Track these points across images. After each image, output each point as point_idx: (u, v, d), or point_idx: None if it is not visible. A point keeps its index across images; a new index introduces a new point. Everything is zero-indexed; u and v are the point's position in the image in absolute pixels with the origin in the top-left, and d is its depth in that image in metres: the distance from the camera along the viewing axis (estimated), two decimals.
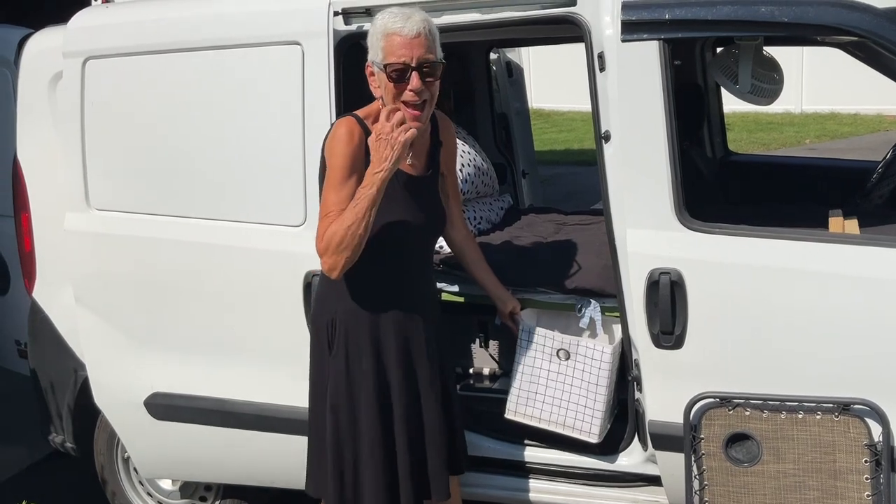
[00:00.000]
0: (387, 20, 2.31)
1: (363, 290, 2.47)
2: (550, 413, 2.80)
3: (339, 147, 2.35)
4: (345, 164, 2.33)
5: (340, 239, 2.29)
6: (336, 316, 2.47)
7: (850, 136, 12.13)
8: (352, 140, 2.35)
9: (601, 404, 2.75)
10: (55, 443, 3.57)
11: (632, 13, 2.45)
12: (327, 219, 2.33)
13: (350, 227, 2.28)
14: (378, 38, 2.32)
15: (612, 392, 2.81)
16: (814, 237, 2.49)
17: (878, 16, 2.33)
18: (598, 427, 2.76)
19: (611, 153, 2.55)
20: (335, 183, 2.34)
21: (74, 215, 3.11)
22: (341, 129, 2.37)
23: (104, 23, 3.06)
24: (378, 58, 2.33)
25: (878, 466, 2.38)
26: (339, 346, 2.47)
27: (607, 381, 2.74)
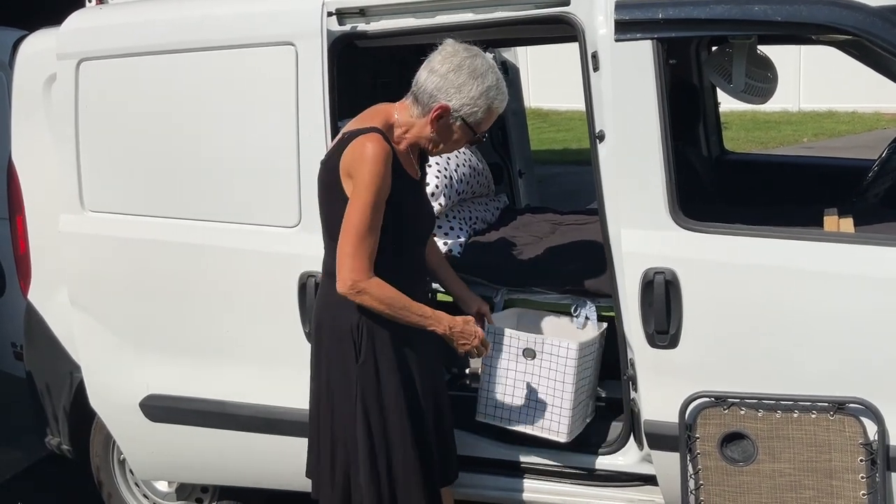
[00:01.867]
0: (498, 95, 2.40)
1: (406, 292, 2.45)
2: (519, 414, 2.75)
3: (376, 167, 2.31)
4: (380, 185, 2.33)
5: (387, 308, 2.38)
6: (361, 321, 2.44)
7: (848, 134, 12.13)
8: (385, 160, 2.33)
9: (568, 402, 2.70)
10: (51, 445, 3.57)
11: (625, 13, 2.45)
12: (365, 243, 2.33)
13: (395, 313, 2.39)
14: (484, 108, 2.38)
15: (583, 390, 2.76)
16: (809, 236, 2.49)
17: (871, 14, 2.32)
18: (566, 426, 2.71)
19: (605, 153, 2.55)
20: (373, 204, 2.32)
21: (69, 217, 3.11)
22: (377, 149, 2.32)
23: (98, 24, 3.05)
24: (472, 120, 2.40)
25: (873, 465, 2.38)
26: (367, 351, 2.44)
27: (573, 380, 2.68)
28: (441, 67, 2.37)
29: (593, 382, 2.91)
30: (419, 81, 2.40)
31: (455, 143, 2.48)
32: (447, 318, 2.48)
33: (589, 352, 2.78)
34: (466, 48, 2.40)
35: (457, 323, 2.49)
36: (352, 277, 2.34)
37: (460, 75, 2.36)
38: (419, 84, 2.40)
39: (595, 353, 2.85)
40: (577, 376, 2.70)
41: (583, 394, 2.79)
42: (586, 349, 2.75)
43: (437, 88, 2.36)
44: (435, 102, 2.37)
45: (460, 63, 2.36)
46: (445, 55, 2.38)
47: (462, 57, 2.37)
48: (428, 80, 2.38)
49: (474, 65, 2.37)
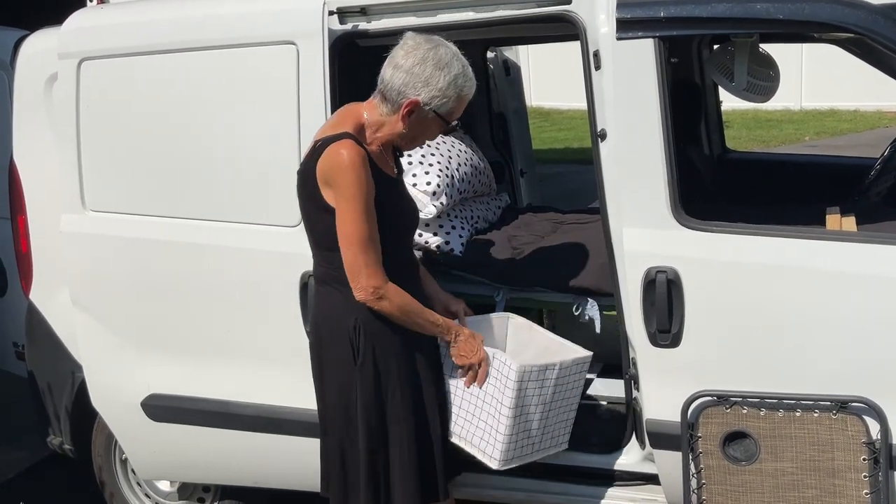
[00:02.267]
0: (465, 81, 2.36)
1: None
2: (462, 428, 2.54)
3: (355, 175, 2.30)
4: (365, 191, 2.31)
5: (405, 314, 2.40)
6: (357, 324, 2.42)
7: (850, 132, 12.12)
8: (363, 164, 2.32)
9: (504, 427, 2.44)
10: (53, 445, 3.57)
11: (627, 11, 2.44)
12: (371, 252, 2.33)
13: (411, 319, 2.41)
14: (453, 94, 2.35)
15: (534, 418, 2.50)
16: (811, 235, 2.48)
17: (873, 12, 2.32)
18: (499, 452, 2.46)
19: (607, 152, 2.54)
20: (363, 211, 2.31)
21: (70, 217, 3.11)
22: (354, 156, 2.30)
23: (99, 24, 3.05)
24: (444, 110, 2.37)
25: (875, 464, 2.37)
26: (367, 353, 2.42)
27: (511, 402, 2.42)
28: (405, 62, 2.32)
29: (560, 413, 2.61)
30: (385, 79, 2.35)
31: (428, 135, 2.48)
32: (455, 326, 2.49)
33: (541, 377, 2.49)
34: (428, 39, 2.35)
35: (464, 333, 2.48)
36: (372, 284, 2.34)
37: (426, 68, 2.31)
38: (385, 82, 2.35)
39: (560, 381, 2.56)
40: (519, 400, 2.45)
41: (533, 422, 2.52)
42: (536, 374, 2.47)
43: (404, 84, 2.32)
44: (404, 98, 2.33)
45: (424, 56, 2.32)
46: (408, 49, 2.34)
47: (425, 49, 2.33)
48: (394, 76, 2.33)
49: (438, 55, 2.32)
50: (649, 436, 2.62)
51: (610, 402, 3.06)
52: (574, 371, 2.61)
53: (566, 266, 3.01)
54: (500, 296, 3.05)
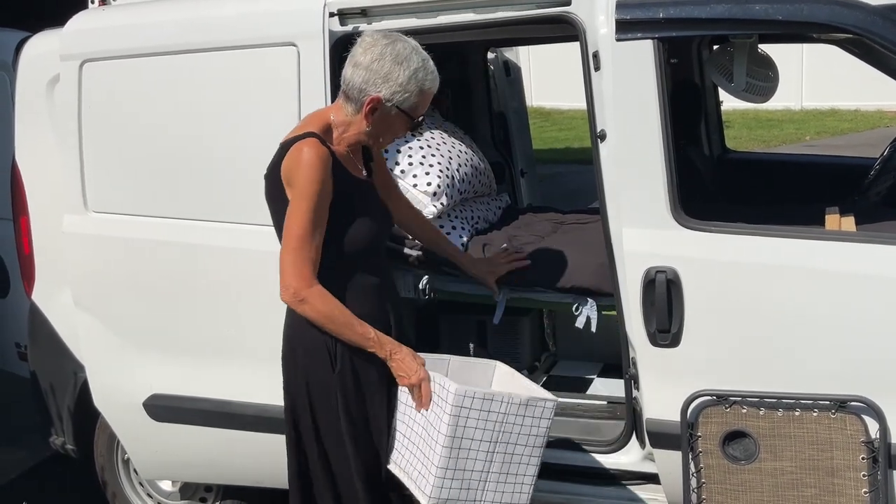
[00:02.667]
0: (426, 75, 2.31)
1: (353, 300, 2.40)
2: (401, 456, 2.38)
3: (312, 173, 2.26)
4: (317, 192, 2.27)
5: (328, 321, 2.32)
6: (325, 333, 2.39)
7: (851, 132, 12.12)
8: (323, 165, 2.28)
9: (438, 458, 2.23)
10: (56, 445, 3.58)
11: (626, 12, 2.45)
12: (304, 251, 2.27)
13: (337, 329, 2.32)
14: (415, 89, 2.30)
15: (467, 454, 2.25)
16: (810, 235, 2.49)
17: (871, 13, 2.33)
18: (430, 486, 2.25)
19: (607, 152, 2.55)
20: (310, 210, 2.27)
21: (72, 217, 3.12)
22: (313, 154, 2.27)
23: (101, 26, 3.06)
24: (407, 105, 2.32)
25: (874, 463, 2.38)
26: (344, 361, 2.39)
27: (447, 430, 2.21)
28: (364, 59, 2.28)
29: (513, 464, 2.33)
30: (346, 78, 2.32)
31: (394, 132, 2.41)
32: (391, 344, 2.34)
33: (485, 408, 2.24)
34: (385, 35, 2.31)
35: (401, 352, 2.34)
36: (293, 285, 2.28)
37: (384, 63, 2.27)
38: (346, 81, 2.32)
39: (511, 420, 2.29)
40: (456, 429, 2.22)
41: (475, 462, 2.27)
42: (479, 402, 2.23)
43: (364, 82, 2.29)
44: (365, 96, 2.29)
45: (381, 52, 2.28)
46: (366, 46, 2.30)
47: (382, 45, 2.28)
48: (354, 74, 2.30)
49: (395, 50, 2.28)
50: (649, 435, 2.62)
51: (610, 401, 3.07)
52: (530, 414, 2.31)
53: (566, 266, 3.02)
54: (500, 296, 3.05)
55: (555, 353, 3.52)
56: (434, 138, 3.32)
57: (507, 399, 2.27)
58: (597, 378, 3.31)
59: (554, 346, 3.52)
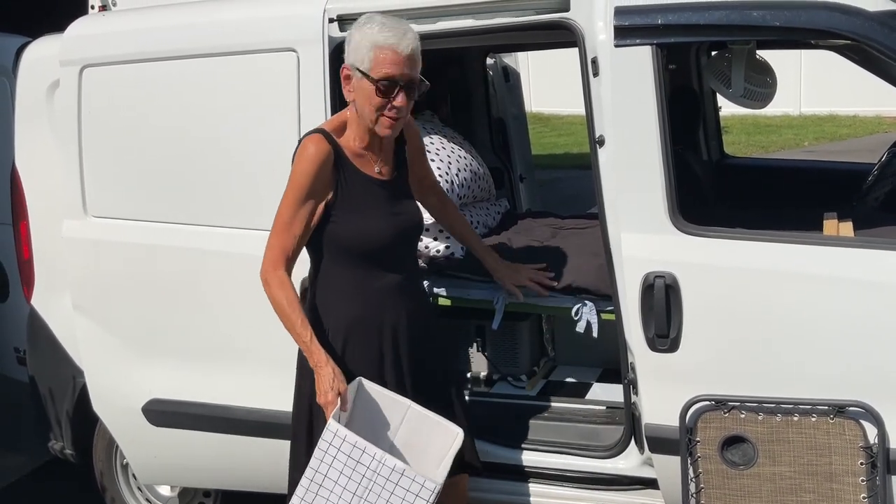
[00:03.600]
0: (380, 32, 2.28)
1: (347, 299, 2.44)
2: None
3: (305, 166, 2.34)
4: (306, 185, 2.34)
5: (277, 310, 2.39)
6: (329, 331, 2.44)
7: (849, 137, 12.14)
8: (318, 159, 2.34)
9: (298, 486, 2.24)
10: (54, 449, 3.58)
11: (624, 18, 2.46)
12: (280, 236, 2.37)
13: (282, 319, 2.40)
14: (368, 47, 2.29)
15: (327, 496, 2.23)
16: (808, 240, 2.50)
17: (869, 19, 2.34)
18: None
19: (605, 158, 2.56)
20: (293, 200, 2.36)
21: (72, 222, 3.12)
22: (310, 148, 2.35)
23: (101, 31, 3.07)
24: (364, 66, 2.30)
25: (873, 468, 2.38)
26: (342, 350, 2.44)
27: (313, 462, 2.21)
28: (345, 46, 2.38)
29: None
30: None
31: (370, 102, 2.32)
32: (320, 356, 2.33)
33: (355, 456, 2.20)
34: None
35: (324, 369, 2.32)
36: (263, 267, 2.39)
37: (349, 36, 2.35)
38: None
39: (379, 483, 2.21)
40: (321, 462, 2.22)
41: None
42: (349, 448, 2.20)
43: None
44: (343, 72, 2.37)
45: (350, 30, 2.37)
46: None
47: (353, 25, 2.36)
48: None
49: (358, 22, 2.34)
50: (648, 440, 2.63)
51: (609, 406, 3.07)
52: (404, 485, 2.21)
53: (565, 270, 3.02)
54: (500, 300, 3.06)
55: (554, 358, 3.52)
56: (433, 143, 3.33)
57: (380, 458, 2.20)
58: (595, 383, 3.31)
59: (553, 351, 3.52)
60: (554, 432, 2.93)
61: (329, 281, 2.45)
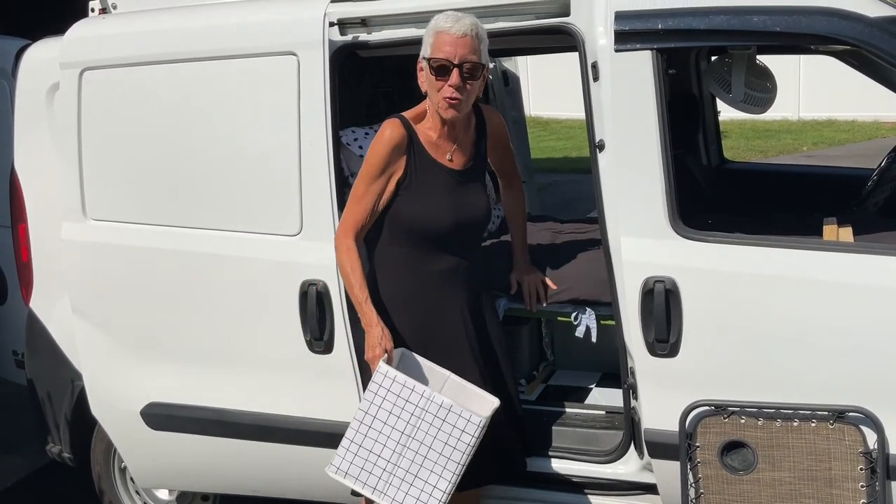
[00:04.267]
0: (439, 19, 2.47)
1: (400, 277, 2.58)
2: (384, 482, 2.35)
3: (379, 147, 2.52)
4: (379, 164, 2.52)
5: (342, 273, 2.59)
6: (380, 303, 2.55)
7: (848, 142, 12.16)
8: (392, 142, 2.51)
9: (347, 430, 2.36)
10: (52, 453, 3.57)
11: (625, 23, 2.46)
12: (353, 207, 2.56)
13: (344, 282, 2.59)
14: (429, 34, 2.48)
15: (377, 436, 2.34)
16: (808, 245, 2.49)
17: (869, 25, 2.34)
18: (337, 455, 2.34)
19: (605, 162, 2.56)
20: (365, 176, 2.54)
21: (71, 225, 3.12)
22: (387, 130, 2.52)
23: (101, 34, 3.07)
24: (426, 52, 2.48)
25: (873, 474, 2.38)
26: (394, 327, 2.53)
27: (362, 405, 2.35)
28: None
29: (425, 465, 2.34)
30: None
31: (435, 88, 2.47)
32: (371, 316, 2.49)
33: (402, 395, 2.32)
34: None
35: (372, 328, 2.48)
36: (336, 234, 2.59)
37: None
38: None
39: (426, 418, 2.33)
40: (371, 405, 2.33)
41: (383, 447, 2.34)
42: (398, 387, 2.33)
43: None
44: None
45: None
46: None
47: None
48: None
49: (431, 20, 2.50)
50: (648, 445, 2.62)
51: (608, 411, 3.07)
52: (451, 421, 2.33)
53: (564, 275, 3.02)
54: (500, 306, 3.06)
55: (553, 363, 3.52)
56: None
57: (429, 396, 2.32)
58: (595, 388, 3.31)
59: (552, 356, 3.52)
60: (553, 437, 2.92)
61: (383, 258, 2.60)
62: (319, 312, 2.76)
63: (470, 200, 2.63)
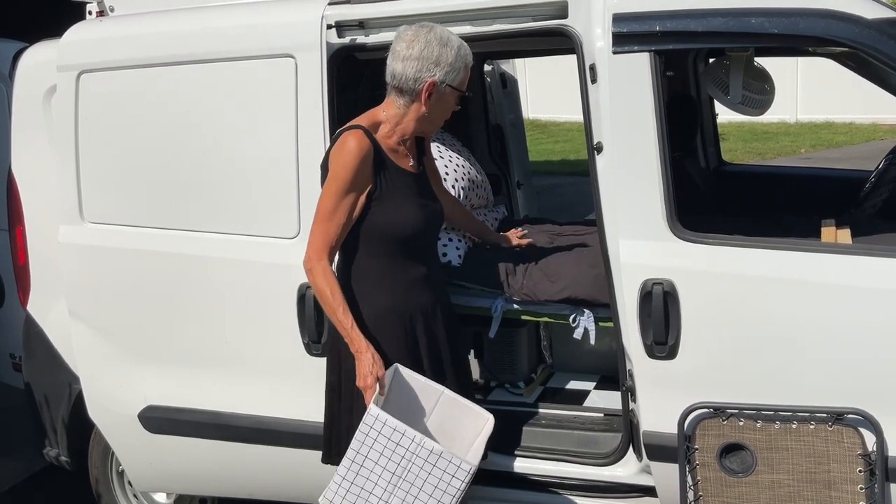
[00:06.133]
0: (468, 53, 2.50)
1: (386, 288, 2.54)
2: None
3: (348, 159, 2.44)
4: (349, 178, 2.44)
5: (321, 298, 2.49)
6: (364, 319, 2.51)
7: (845, 145, 12.17)
8: (359, 153, 2.44)
9: (342, 466, 2.34)
10: (50, 456, 3.57)
11: (623, 25, 2.46)
12: (323, 226, 2.46)
13: (325, 308, 2.49)
14: (462, 67, 2.49)
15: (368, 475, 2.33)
16: (806, 247, 2.49)
17: (867, 27, 2.34)
18: (330, 489, 2.35)
19: (603, 164, 2.55)
20: (336, 191, 2.45)
21: (68, 228, 3.12)
22: (352, 142, 2.45)
23: (98, 37, 3.07)
24: (456, 82, 2.49)
25: (872, 476, 2.38)
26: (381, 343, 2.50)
27: (354, 444, 2.33)
28: (412, 51, 2.44)
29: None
30: (396, 73, 2.47)
31: (447, 111, 2.56)
32: (360, 342, 2.43)
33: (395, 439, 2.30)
34: (420, 26, 2.48)
35: (364, 354, 2.42)
36: (307, 255, 2.48)
37: (432, 50, 2.44)
38: (398, 75, 2.47)
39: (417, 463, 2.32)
40: (363, 445, 2.33)
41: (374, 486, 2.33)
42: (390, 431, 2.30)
43: (418, 71, 2.44)
44: (422, 84, 2.46)
45: (427, 40, 2.44)
46: (409, 40, 2.45)
47: (424, 34, 2.45)
48: (405, 67, 2.45)
49: (437, 35, 2.45)
50: (646, 447, 2.62)
51: (607, 413, 3.06)
52: (441, 466, 2.33)
53: (563, 277, 3.02)
54: (497, 308, 3.05)
55: (551, 365, 3.51)
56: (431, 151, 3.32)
57: (419, 441, 2.32)
58: (593, 390, 3.31)
59: (551, 358, 3.51)
60: (551, 439, 2.92)
61: (361, 271, 2.55)
62: (317, 315, 2.76)
63: (431, 201, 2.65)
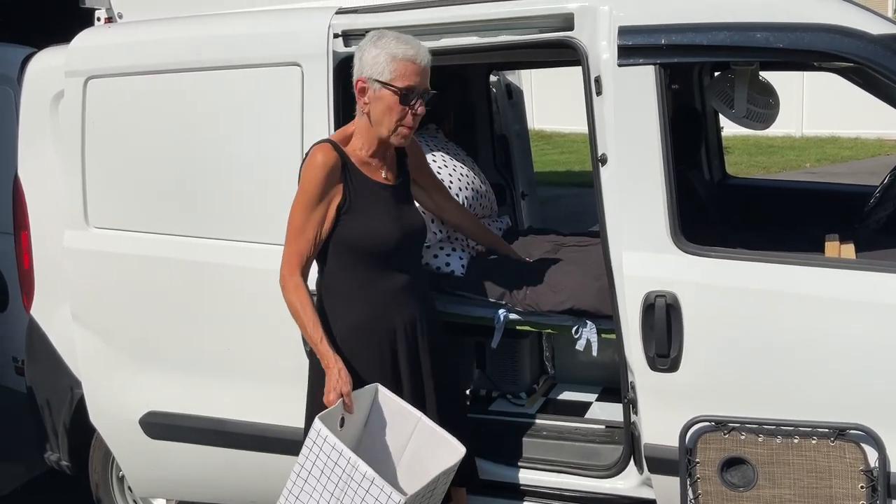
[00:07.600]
0: (398, 45, 2.41)
1: (361, 301, 2.51)
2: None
3: (314, 173, 2.43)
4: (316, 192, 2.44)
5: (293, 313, 2.47)
6: (338, 334, 2.49)
7: (851, 160, 12.16)
8: (326, 166, 2.44)
9: (289, 479, 2.32)
10: (51, 461, 3.57)
11: (628, 38, 2.47)
12: (294, 241, 2.47)
13: (298, 323, 2.48)
14: (387, 59, 2.40)
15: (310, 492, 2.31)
16: (810, 262, 2.49)
17: (872, 42, 2.34)
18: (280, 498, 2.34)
19: (607, 176, 2.56)
20: (304, 206, 2.45)
21: (73, 233, 3.13)
22: (318, 156, 2.45)
23: (106, 43, 3.08)
24: (385, 77, 2.40)
25: (874, 492, 2.37)
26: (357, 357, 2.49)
27: (300, 458, 2.31)
28: (355, 59, 2.47)
29: None
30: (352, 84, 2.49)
31: (392, 112, 2.43)
32: (328, 358, 2.41)
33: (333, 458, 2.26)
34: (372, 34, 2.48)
35: (333, 370, 2.40)
36: (281, 271, 2.48)
37: (361, 51, 2.45)
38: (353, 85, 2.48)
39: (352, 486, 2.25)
40: (306, 459, 2.31)
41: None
42: (329, 448, 2.26)
43: (355, 74, 2.46)
44: (356, 87, 2.46)
45: (363, 44, 2.46)
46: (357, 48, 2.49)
47: (366, 39, 2.46)
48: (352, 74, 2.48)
49: (373, 38, 2.45)
50: (647, 460, 2.61)
51: (608, 426, 3.06)
52: (373, 493, 2.23)
53: (566, 288, 3.01)
54: (500, 318, 3.05)
55: (553, 377, 3.51)
56: (436, 161, 3.33)
57: (354, 463, 2.24)
58: (595, 402, 3.30)
59: (553, 370, 3.51)
60: (553, 451, 2.91)
61: (336, 285, 2.53)
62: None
63: (409, 214, 2.61)
